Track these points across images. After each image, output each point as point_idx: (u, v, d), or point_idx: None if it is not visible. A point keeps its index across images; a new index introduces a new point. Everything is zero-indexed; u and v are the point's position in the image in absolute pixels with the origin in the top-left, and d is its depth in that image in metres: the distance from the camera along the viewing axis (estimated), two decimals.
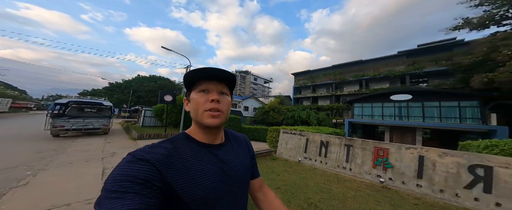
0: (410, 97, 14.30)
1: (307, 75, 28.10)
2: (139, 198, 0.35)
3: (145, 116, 11.72)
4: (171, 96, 8.59)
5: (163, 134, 8.57)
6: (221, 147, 0.57)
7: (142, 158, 0.42)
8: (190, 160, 0.49)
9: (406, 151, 3.30)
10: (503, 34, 9.24)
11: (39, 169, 3.58)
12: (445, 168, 2.85)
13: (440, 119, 12.85)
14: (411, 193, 3.02)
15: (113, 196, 0.34)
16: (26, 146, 5.47)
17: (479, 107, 11.45)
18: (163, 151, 0.47)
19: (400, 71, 20.24)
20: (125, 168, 0.39)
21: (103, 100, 9.39)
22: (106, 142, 6.80)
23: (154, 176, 0.40)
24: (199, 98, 0.51)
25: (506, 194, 2.42)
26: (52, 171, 3.51)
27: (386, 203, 2.64)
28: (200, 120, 0.51)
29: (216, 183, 0.49)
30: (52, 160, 4.18)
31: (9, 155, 4.37)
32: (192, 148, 0.51)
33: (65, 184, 2.95)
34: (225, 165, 0.54)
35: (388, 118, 15.33)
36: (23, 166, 3.69)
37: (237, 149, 0.62)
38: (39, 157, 4.35)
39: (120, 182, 0.36)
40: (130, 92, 26.96)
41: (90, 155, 4.81)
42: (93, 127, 7.99)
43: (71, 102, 7.83)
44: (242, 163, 0.59)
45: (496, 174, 2.52)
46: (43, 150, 5.11)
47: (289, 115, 20.77)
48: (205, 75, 0.52)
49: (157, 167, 0.42)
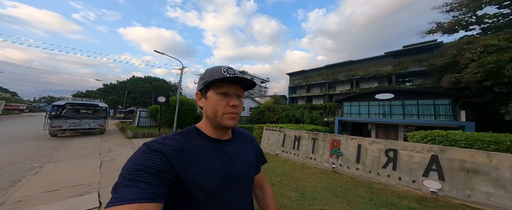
0: (392, 96, 15.30)
1: (301, 75, 28.96)
2: (150, 188, 0.37)
3: (140, 116, 12.26)
4: (165, 98, 9.23)
5: (157, 133, 9.19)
6: (228, 142, 0.59)
7: (156, 149, 0.44)
8: (199, 153, 0.51)
9: (351, 141, 4.07)
10: (468, 39, 10.24)
11: (45, 162, 4.18)
12: (372, 153, 3.64)
13: (418, 116, 13.86)
14: (351, 174, 3.79)
15: (128, 183, 0.37)
16: (28, 144, 6.02)
17: (451, 104, 12.49)
18: (175, 143, 0.49)
19: (387, 72, 21.28)
20: (140, 157, 0.42)
21: (99, 101, 9.95)
22: (103, 141, 7.38)
23: (166, 167, 0.42)
24: (219, 101, 0.53)
25: (404, 170, 3.22)
26: (56, 164, 4.13)
27: (325, 181, 3.41)
28: (219, 121, 0.53)
29: (222, 177, 0.51)
30: (54, 156, 4.77)
31: (16, 152, 4.95)
32: (202, 142, 0.54)
33: (68, 173, 3.59)
34: (231, 160, 0.56)
35: (374, 115, 16.30)
36: (30, 160, 4.29)
37: (243, 145, 0.64)
38: (42, 153, 4.94)
39: (135, 170, 0.39)
40: (125, 94, 27.29)
41: (88, 151, 5.42)
42: (90, 127, 8.54)
43: (67, 104, 8.38)
44: (247, 159, 0.61)
45: (399, 155, 3.32)
46: (45, 147, 5.69)
47: (284, 114, 21.44)
48: (230, 80, 0.53)
49: (168, 158, 0.44)
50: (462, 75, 10.02)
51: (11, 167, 3.78)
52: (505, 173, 2.47)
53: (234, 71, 0.55)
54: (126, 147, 6.43)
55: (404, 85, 20.28)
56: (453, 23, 11.09)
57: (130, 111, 17.42)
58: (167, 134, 0.55)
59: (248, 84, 0.57)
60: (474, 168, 2.65)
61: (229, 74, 0.53)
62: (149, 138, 8.38)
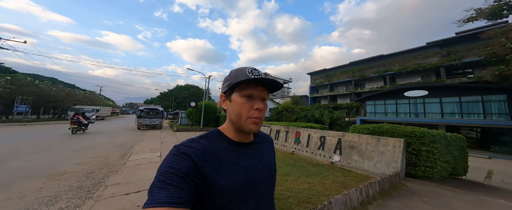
0: (426, 93, 13.69)
1: (323, 74, 28.45)
2: (178, 192, 0.41)
3: (181, 117, 17.31)
4: (195, 103, 13.33)
5: (190, 128, 13.27)
6: (251, 145, 0.61)
7: (184, 152, 0.48)
8: (223, 157, 0.53)
9: (306, 132, 5.80)
10: None
11: (139, 140, 8.25)
12: (315, 140, 5.27)
13: (461, 115, 11.95)
14: (302, 155, 5.52)
15: (160, 186, 0.41)
16: (128, 132, 10.95)
17: (507, 101, 10.29)
18: (200, 146, 0.51)
19: (433, 64, 18.39)
20: (170, 160, 0.46)
21: (159, 107, 15.17)
22: (161, 132, 11.85)
23: (192, 171, 0.46)
24: (243, 104, 0.53)
25: (326, 149, 4.77)
26: (144, 141, 8.10)
27: (287, 159, 5.34)
28: (242, 125, 0.54)
29: (245, 181, 0.52)
30: (142, 138, 8.96)
31: (128, 136, 9.56)
32: (225, 145, 0.55)
33: (149, 145, 7.29)
34: (254, 164, 0.57)
35: (403, 115, 14.95)
36: (133, 139, 8.53)
37: (264, 149, 0.65)
38: (137, 136, 9.33)
39: (167, 173, 0.43)
40: (173, 100, 35.75)
41: (155, 136, 9.55)
42: (154, 123, 13.53)
43: (144, 109, 13.70)
44: (269, 162, 0.63)
45: (325, 140, 4.86)
46: (137, 134, 10.32)
47: (303, 114, 22.12)
48: (254, 82, 0.52)
49: (195, 161, 0.47)
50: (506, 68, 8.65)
51: (128, 141, 7.97)
52: (363, 147, 3.88)
53: (259, 73, 0.55)
54: (172, 136, 10.36)
55: (458, 79, 16.90)
56: (495, 7, 9.44)
57: (175, 113, 23.49)
58: (196, 128, 2.14)
59: (274, 86, 0.56)
60: (353, 145, 4.11)
61: (254, 76, 0.53)
62: (187, 132, 12.32)
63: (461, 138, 4.57)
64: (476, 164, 8.42)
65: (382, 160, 3.63)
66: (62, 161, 4.53)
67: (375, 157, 3.73)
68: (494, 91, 10.77)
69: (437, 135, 3.60)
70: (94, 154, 5.33)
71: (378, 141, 3.80)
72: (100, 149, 6.13)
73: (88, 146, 6.64)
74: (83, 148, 6.24)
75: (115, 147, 6.62)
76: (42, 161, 4.46)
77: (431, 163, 3.49)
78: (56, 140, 7.55)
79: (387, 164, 3.53)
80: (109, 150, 6.05)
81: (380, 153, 3.69)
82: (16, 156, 4.80)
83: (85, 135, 9.38)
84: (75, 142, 7.28)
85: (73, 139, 8.11)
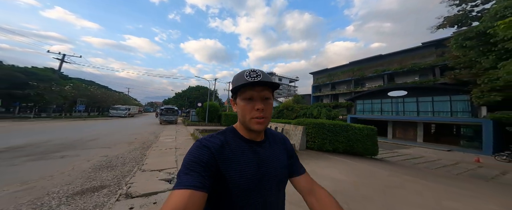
0: (405, 93, 15.25)
1: (325, 73, 30.01)
2: (200, 178, 0.48)
3: (192, 114, 21.30)
4: (201, 103, 17.13)
5: (197, 123, 17.10)
6: (261, 143, 0.66)
7: (205, 145, 0.56)
8: (237, 152, 0.59)
9: (273, 125, 8.68)
10: None
11: (162, 130, 12.01)
12: (278, 130, 8.18)
13: (433, 113, 13.48)
14: None
15: (186, 171, 0.49)
16: (153, 126, 15.00)
17: (470, 101, 11.68)
18: (218, 141, 0.59)
19: (427, 64, 19.34)
20: (194, 151, 0.54)
21: (174, 106, 19.32)
22: (176, 127, 15.69)
23: (212, 161, 0.53)
24: (245, 106, 0.59)
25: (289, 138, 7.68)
26: (165, 131, 11.82)
27: None
28: (248, 125, 0.60)
29: (254, 176, 0.58)
30: (163, 130, 12.72)
31: (153, 128, 13.50)
32: (238, 142, 0.62)
33: (169, 133, 10.90)
34: (264, 161, 0.62)
35: (386, 113, 16.62)
36: (158, 130, 12.37)
37: (275, 147, 0.70)
38: (160, 128, 13.23)
39: (191, 162, 0.51)
40: (186, 99, 40.71)
41: (172, 128, 13.32)
42: (171, 119, 17.60)
43: (164, 108, 17.85)
44: (278, 160, 0.68)
45: (279, 129, 7.72)
46: (160, 128, 14.24)
47: (302, 113, 24.21)
48: (252, 84, 0.57)
49: (214, 154, 0.55)
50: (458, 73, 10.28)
51: (156, 131, 11.81)
52: (291, 132, 6.70)
53: (256, 74, 0.58)
54: (184, 129, 14.04)
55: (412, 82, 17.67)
56: (458, 16, 10.75)
57: (188, 112, 27.90)
58: (202, 124, 4.81)
59: (272, 86, 0.59)
60: (287, 131, 6.92)
61: (251, 78, 0.57)
62: (194, 126, 15.98)
63: (371, 128, 7.02)
64: (425, 154, 10.54)
65: (296, 139, 6.43)
66: (128, 137, 8.59)
67: (294, 137, 6.54)
68: (459, 92, 12.21)
69: (320, 124, 6.25)
70: (140, 138, 8.99)
71: (295, 127, 6.59)
72: (143, 135, 9.92)
73: (134, 133, 10.60)
74: (133, 133, 10.18)
75: (149, 134, 10.47)
76: (120, 137, 8.51)
77: (317, 140, 6.18)
78: (119, 128, 11.73)
79: (297, 140, 6.33)
80: (147, 135, 9.88)
81: (295, 134, 6.49)
82: (111, 133, 9.23)
83: (128, 127, 13.59)
84: (127, 131, 11.21)
85: (125, 128, 12.38)
